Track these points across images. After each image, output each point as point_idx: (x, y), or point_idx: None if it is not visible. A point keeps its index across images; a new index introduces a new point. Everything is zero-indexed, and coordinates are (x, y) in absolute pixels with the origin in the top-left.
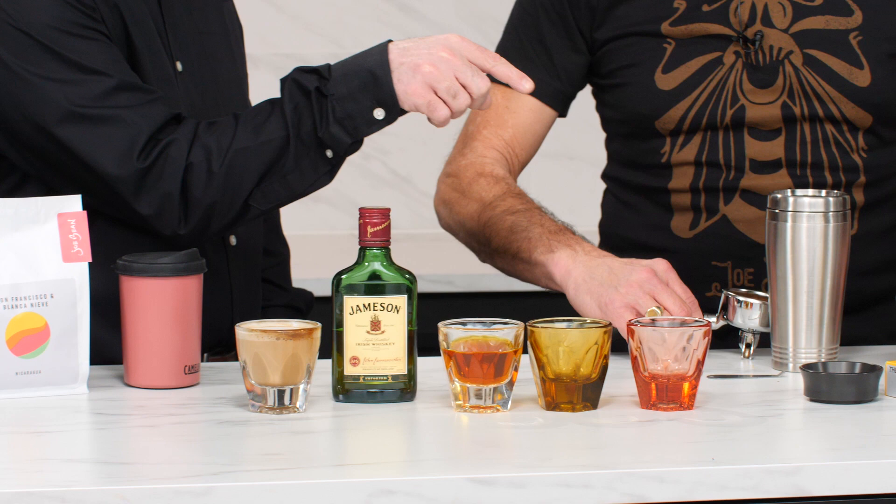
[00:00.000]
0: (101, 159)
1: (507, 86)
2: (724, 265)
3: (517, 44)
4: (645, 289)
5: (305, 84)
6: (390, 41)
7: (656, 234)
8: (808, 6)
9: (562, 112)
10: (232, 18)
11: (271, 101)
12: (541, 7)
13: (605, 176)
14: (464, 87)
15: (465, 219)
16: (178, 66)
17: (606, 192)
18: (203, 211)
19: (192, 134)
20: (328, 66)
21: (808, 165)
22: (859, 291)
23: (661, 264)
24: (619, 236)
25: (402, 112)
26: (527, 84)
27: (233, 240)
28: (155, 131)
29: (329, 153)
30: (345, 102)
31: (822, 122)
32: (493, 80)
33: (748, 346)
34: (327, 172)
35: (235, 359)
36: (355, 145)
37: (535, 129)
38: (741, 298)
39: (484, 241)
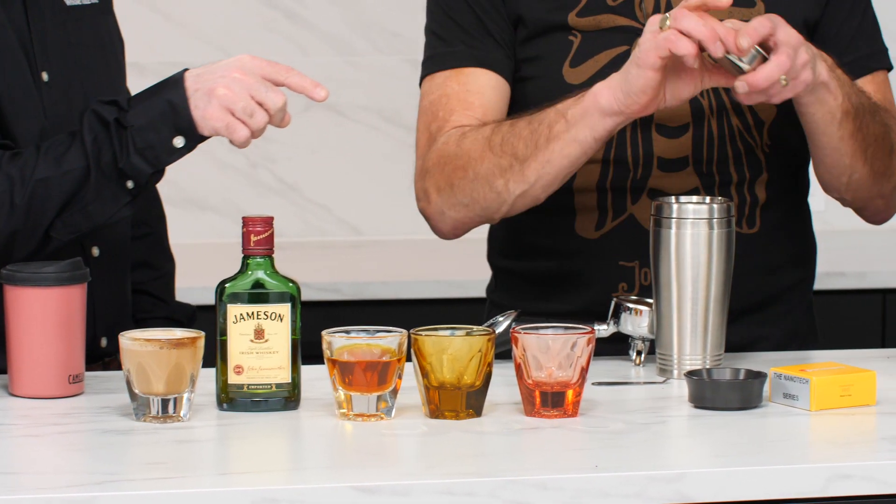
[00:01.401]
0: None
1: (461, 68)
2: (631, 264)
3: (458, 29)
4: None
5: (104, 115)
6: (186, 69)
7: (558, 237)
8: None
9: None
10: (111, 31)
11: (72, 133)
12: None
13: None
14: (260, 104)
15: (476, 163)
16: (44, 76)
17: None
18: (4, 241)
19: None
20: (128, 97)
21: (715, 162)
22: (763, 288)
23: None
24: (514, 240)
25: (203, 138)
26: (321, 92)
27: (95, 251)
28: None
29: (130, 184)
30: (145, 133)
31: (728, 114)
32: (447, 68)
33: (639, 353)
34: (128, 203)
35: (100, 369)
36: (157, 175)
37: (501, 107)
38: (630, 305)
39: (509, 161)
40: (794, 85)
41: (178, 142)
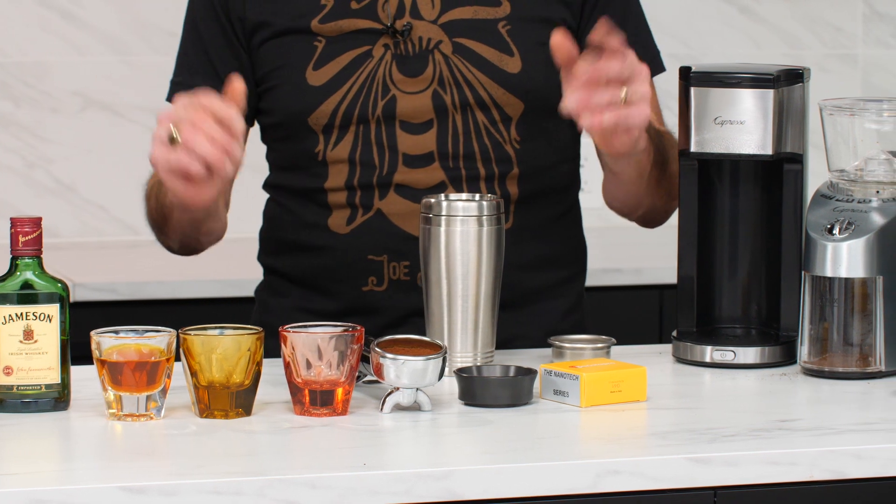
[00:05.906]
0: None
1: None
2: (380, 259)
3: (192, 61)
4: (181, 115)
5: None
6: None
7: (313, 233)
8: None
9: (251, 124)
10: None
11: None
12: (200, 20)
13: (267, 185)
14: None
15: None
16: None
17: (269, 201)
18: None
19: None
20: None
21: (461, 157)
22: (517, 286)
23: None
24: (277, 239)
25: None
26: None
27: None
28: None
29: None
30: None
31: (472, 110)
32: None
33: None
34: None
35: None
36: None
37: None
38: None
39: (157, 228)
40: (630, 114)
41: None
